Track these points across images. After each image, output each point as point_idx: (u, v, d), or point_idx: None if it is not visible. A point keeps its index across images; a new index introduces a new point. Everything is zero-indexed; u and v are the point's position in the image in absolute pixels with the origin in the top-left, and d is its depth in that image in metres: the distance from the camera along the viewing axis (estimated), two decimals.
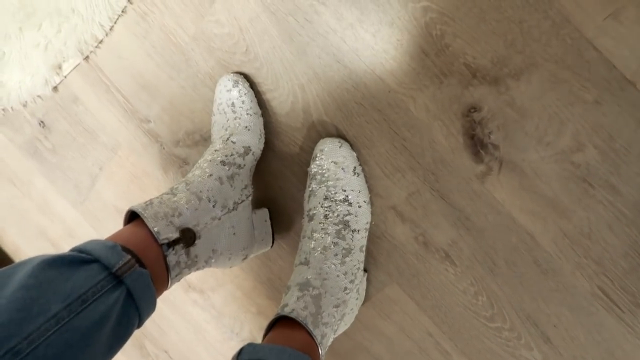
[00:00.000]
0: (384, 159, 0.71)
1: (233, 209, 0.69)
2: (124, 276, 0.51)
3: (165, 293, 0.96)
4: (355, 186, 0.70)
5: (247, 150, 0.72)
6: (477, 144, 0.66)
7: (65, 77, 0.88)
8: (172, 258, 0.59)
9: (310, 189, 0.71)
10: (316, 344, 0.59)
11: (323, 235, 0.67)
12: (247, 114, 0.72)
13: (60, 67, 0.88)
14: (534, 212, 0.65)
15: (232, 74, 0.73)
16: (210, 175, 0.67)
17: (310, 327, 0.59)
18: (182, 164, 0.85)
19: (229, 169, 0.69)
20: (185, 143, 0.83)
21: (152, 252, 0.57)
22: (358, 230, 0.70)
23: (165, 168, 0.86)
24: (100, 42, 0.83)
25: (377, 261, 0.76)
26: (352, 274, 0.69)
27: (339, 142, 0.69)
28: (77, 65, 0.86)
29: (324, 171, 0.69)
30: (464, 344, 0.75)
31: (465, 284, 0.72)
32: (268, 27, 0.71)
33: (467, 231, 0.70)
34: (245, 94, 0.72)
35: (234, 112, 0.72)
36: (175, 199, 0.63)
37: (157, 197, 0.63)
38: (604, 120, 0.59)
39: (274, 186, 0.79)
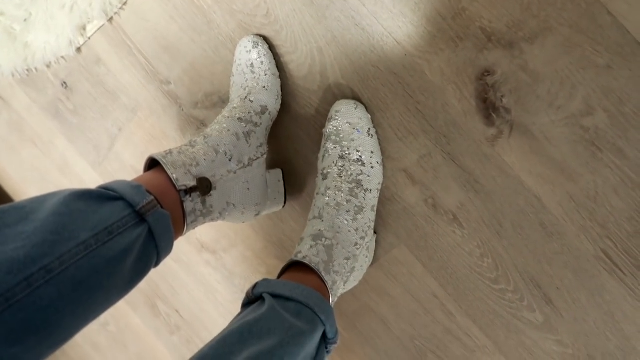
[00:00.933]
0: (397, 122, 0.73)
1: (248, 165, 0.72)
2: (146, 215, 0.54)
3: (179, 254, 0.99)
4: (369, 147, 0.72)
5: (264, 109, 0.74)
6: (489, 108, 0.67)
7: (89, 38, 0.91)
8: (188, 205, 0.62)
9: (325, 148, 0.73)
10: (327, 288, 0.62)
11: (336, 192, 0.70)
12: (266, 74, 0.74)
13: (84, 29, 0.90)
14: (543, 175, 0.67)
15: (252, 36, 0.75)
16: (228, 130, 0.70)
17: (322, 273, 0.62)
18: (200, 125, 0.87)
19: (245, 126, 0.72)
20: (203, 105, 0.86)
21: (170, 197, 0.60)
22: (370, 190, 0.72)
23: (183, 129, 0.89)
24: (125, 3, 0.85)
25: (386, 223, 0.79)
26: (363, 231, 0.71)
27: (355, 103, 0.71)
28: (101, 27, 0.89)
29: (339, 132, 0.71)
30: (468, 306, 0.78)
31: (471, 246, 0.74)
32: None
33: (476, 194, 0.72)
34: (264, 55, 0.74)
35: (252, 72, 0.74)
36: (193, 150, 0.66)
37: (177, 148, 0.66)
38: (614, 85, 0.60)
39: (289, 148, 0.81)
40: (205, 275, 0.99)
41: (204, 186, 0.64)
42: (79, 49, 0.93)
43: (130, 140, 0.95)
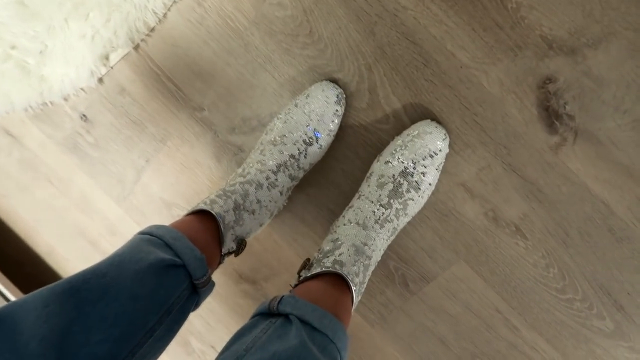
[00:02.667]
0: (453, 136, 0.71)
1: (275, 215, 0.75)
2: (200, 289, 0.56)
3: (215, 288, 0.95)
4: (431, 178, 0.69)
5: (310, 166, 0.74)
6: (551, 116, 0.66)
7: (112, 67, 0.87)
8: (222, 261, 0.65)
9: (393, 155, 0.69)
10: (351, 304, 0.61)
11: (386, 209, 0.67)
12: (328, 135, 0.73)
13: (107, 58, 0.86)
14: (610, 180, 0.66)
15: (337, 88, 0.72)
16: (276, 185, 0.71)
17: (356, 296, 0.61)
18: (237, 151, 0.84)
19: (291, 182, 0.73)
20: (241, 130, 0.82)
21: (213, 258, 0.62)
22: (408, 216, 0.70)
23: (218, 157, 0.85)
24: (152, 30, 0.82)
25: (443, 239, 0.77)
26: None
27: (444, 135, 0.69)
28: (125, 55, 0.85)
29: (416, 149, 0.68)
30: (534, 318, 0.76)
31: (536, 257, 0.73)
32: (334, 7, 0.71)
33: (540, 204, 0.70)
34: (339, 115, 0.73)
35: (319, 123, 0.72)
36: (243, 203, 0.66)
37: (232, 200, 0.65)
38: None
39: (336, 169, 0.79)
40: (244, 308, 0.95)
41: (240, 247, 0.67)
42: (100, 80, 0.88)
43: (159, 171, 0.90)
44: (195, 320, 1.00)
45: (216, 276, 0.93)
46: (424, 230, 0.77)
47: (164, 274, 0.53)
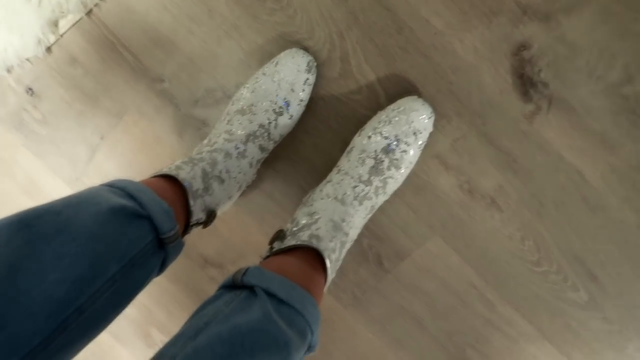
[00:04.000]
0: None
1: (243, 190, 0.72)
2: (168, 245, 0.51)
3: (177, 274, 0.89)
4: (412, 157, 0.67)
5: (281, 138, 0.71)
6: (526, 83, 0.66)
7: (61, 36, 0.80)
8: (188, 231, 0.61)
9: (374, 130, 0.66)
10: (325, 281, 0.58)
11: (367, 185, 0.65)
12: (298, 104, 0.69)
13: (56, 25, 0.79)
14: (583, 149, 0.66)
15: (309, 56, 0.69)
16: (245, 157, 0.67)
17: (330, 273, 0.58)
18: (201, 125, 0.79)
19: (261, 153, 0.69)
20: (205, 102, 0.77)
21: (180, 223, 0.58)
22: (386, 194, 0.68)
23: (180, 132, 0.80)
24: None
25: (418, 214, 0.74)
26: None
27: (431, 113, 0.66)
28: (77, 22, 0.78)
29: (400, 126, 0.65)
30: (509, 293, 0.75)
31: (511, 230, 0.72)
32: None
33: (515, 174, 0.69)
34: (310, 84, 0.69)
35: (291, 92, 0.68)
36: (212, 171, 0.63)
37: (199, 167, 0.61)
38: None
39: (307, 142, 0.75)
40: (209, 294, 0.89)
41: (209, 218, 0.63)
42: (49, 49, 0.81)
43: (114, 148, 0.84)
44: (155, 310, 0.94)
45: (179, 260, 0.87)
46: (398, 206, 0.75)
47: (127, 223, 0.47)
